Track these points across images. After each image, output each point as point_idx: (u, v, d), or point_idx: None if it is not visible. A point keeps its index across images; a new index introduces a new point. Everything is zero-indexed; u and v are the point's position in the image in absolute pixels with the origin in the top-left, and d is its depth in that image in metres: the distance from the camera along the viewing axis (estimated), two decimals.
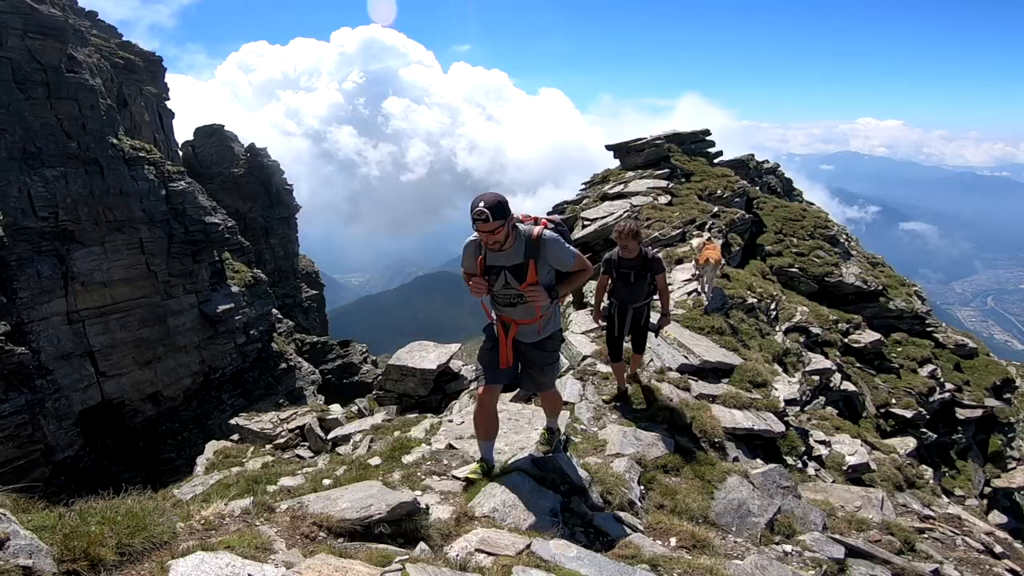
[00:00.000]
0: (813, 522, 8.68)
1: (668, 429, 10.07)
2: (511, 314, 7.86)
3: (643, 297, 10.82)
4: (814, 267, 30.35)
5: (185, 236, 48.60)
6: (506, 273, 7.59)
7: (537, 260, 7.51)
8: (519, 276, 7.55)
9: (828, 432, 15.70)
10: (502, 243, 7.36)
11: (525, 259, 7.50)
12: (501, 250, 7.51)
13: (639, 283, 10.52)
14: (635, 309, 10.87)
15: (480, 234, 7.28)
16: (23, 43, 40.35)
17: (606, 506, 7.31)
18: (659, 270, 10.65)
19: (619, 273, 10.50)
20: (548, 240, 7.54)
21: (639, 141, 34.97)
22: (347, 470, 8.67)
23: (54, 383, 38.85)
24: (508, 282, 7.61)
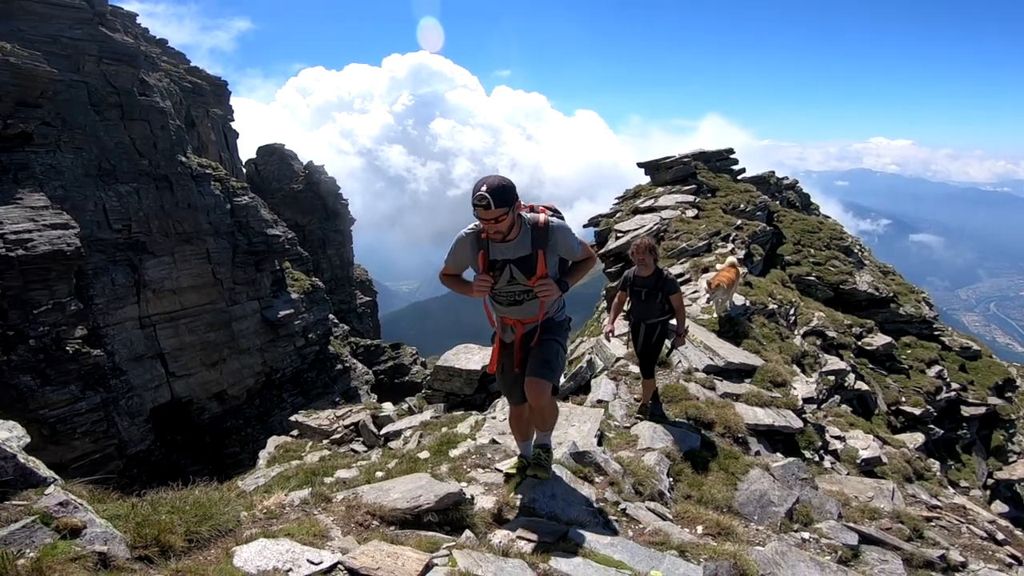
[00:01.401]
0: (829, 511, 8.62)
1: (695, 425, 10.02)
2: (513, 314, 6.76)
3: (655, 315, 10.26)
4: (830, 275, 30.17)
5: (248, 247, 48.77)
6: (511, 267, 6.39)
7: (546, 250, 6.36)
8: (527, 269, 6.36)
9: (843, 428, 15.59)
10: (506, 233, 6.21)
11: (533, 250, 6.32)
12: (505, 241, 6.32)
13: (650, 301, 10.12)
14: (648, 325, 10.35)
15: (482, 223, 6.14)
16: (98, 68, 40.66)
17: (637, 496, 7.26)
18: (673, 291, 10.03)
19: (632, 290, 10.28)
20: (556, 228, 6.42)
21: (668, 159, 34.89)
22: (398, 463, 8.62)
23: (127, 383, 39.05)
24: (514, 277, 6.42)
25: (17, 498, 4.05)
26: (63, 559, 3.57)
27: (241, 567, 4.06)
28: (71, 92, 38.54)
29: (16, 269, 29.16)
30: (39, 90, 34.12)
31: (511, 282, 6.47)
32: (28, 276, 29.78)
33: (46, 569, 3.44)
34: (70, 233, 32.11)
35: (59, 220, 32.22)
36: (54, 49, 38.17)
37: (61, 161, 36.52)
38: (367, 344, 69.31)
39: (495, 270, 6.46)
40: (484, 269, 6.48)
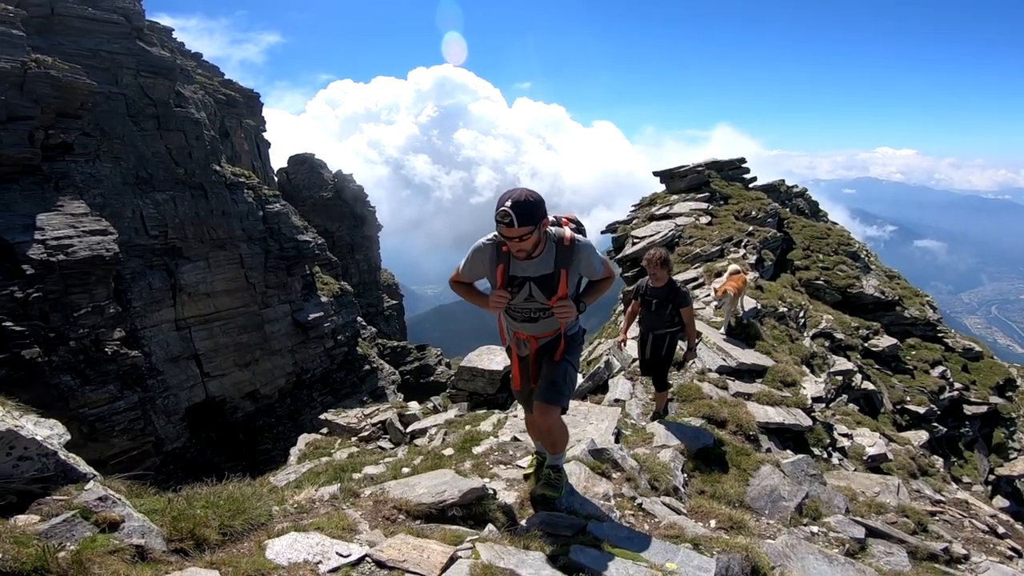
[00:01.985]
0: (837, 506, 8.58)
1: (708, 423, 10.00)
2: (527, 330, 6.20)
3: (663, 325, 9.90)
4: (838, 280, 30.07)
5: (280, 252, 48.89)
6: (531, 285, 5.83)
7: (569, 269, 5.79)
8: (547, 289, 5.80)
9: (850, 426, 15.54)
10: (530, 252, 5.66)
11: (556, 268, 5.76)
12: (529, 258, 5.76)
13: (660, 312, 9.93)
14: (656, 336, 10.00)
15: (505, 240, 5.58)
16: (136, 81, 40.87)
17: (653, 492, 7.23)
18: (683, 303, 9.67)
19: (644, 300, 10.14)
20: (582, 247, 5.83)
21: (683, 168, 34.83)
22: (423, 460, 8.57)
23: (164, 383, 39.19)
24: (532, 295, 5.88)
25: (58, 493, 4.08)
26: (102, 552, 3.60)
27: (273, 559, 4.07)
28: (110, 104, 38.79)
29: (57, 273, 29.35)
30: (79, 102, 34.34)
31: (528, 299, 5.92)
32: (69, 280, 29.95)
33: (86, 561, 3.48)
34: (109, 239, 32.29)
35: (98, 227, 32.40)
36: (93, 63, 38.47)
37: (100, 170, 36.72)
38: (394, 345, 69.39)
39: (513, 286, 5.89)
40: (503, 285, 5.89)
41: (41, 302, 28.59)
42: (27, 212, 30.20)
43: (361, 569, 4.20)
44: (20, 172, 30.95)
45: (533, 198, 5.42)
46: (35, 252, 28.88)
